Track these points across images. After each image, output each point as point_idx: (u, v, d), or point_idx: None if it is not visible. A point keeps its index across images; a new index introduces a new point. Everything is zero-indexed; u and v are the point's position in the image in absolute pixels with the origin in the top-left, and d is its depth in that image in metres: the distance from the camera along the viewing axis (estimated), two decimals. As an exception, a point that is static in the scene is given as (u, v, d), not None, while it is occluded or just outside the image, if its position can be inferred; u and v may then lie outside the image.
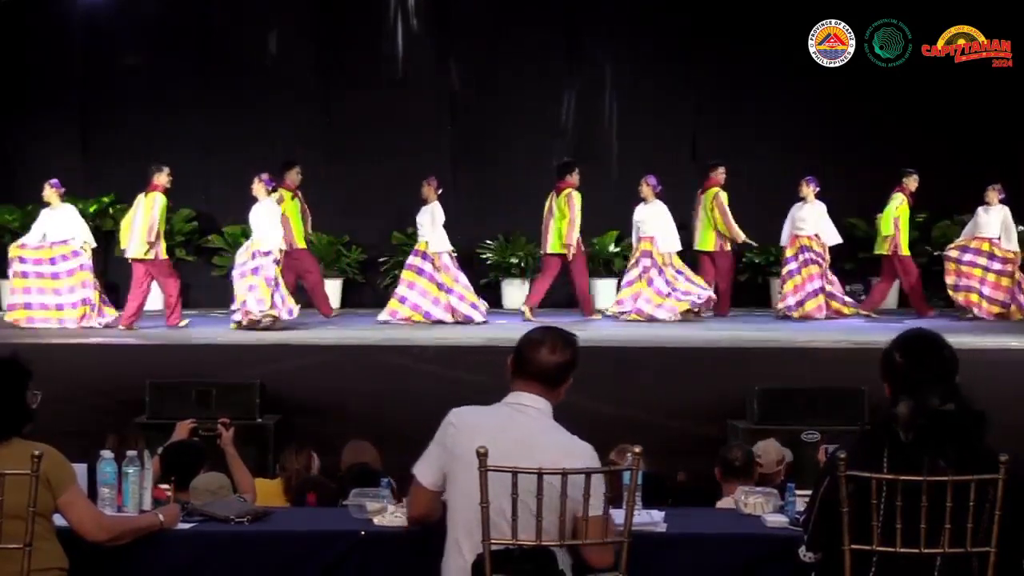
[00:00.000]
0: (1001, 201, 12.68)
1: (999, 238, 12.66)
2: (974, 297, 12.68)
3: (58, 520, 4.14)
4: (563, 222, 12.22)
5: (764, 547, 4.32)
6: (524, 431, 3.83)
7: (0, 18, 13.71)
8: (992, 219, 12.68)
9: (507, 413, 3.90)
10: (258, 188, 11.66)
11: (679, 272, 12.41)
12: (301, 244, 12.40)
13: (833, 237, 12.67)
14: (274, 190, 11.97)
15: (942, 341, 3.87)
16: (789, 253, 12.62)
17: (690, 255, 12.86)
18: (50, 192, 11.86)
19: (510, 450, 3.73)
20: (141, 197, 11.74)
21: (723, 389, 9.14)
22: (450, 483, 3.89)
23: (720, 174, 12.71)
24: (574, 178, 12.34)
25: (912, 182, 12.66)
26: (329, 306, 12.70)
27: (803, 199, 12.63)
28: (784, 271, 12.68)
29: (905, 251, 12.67)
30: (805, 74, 13.77)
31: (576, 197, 12.23)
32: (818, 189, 12.60)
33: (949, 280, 12.80)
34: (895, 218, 12.62)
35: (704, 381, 9.38)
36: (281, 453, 6.87)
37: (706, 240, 12.71)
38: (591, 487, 3.72)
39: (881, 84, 13.87)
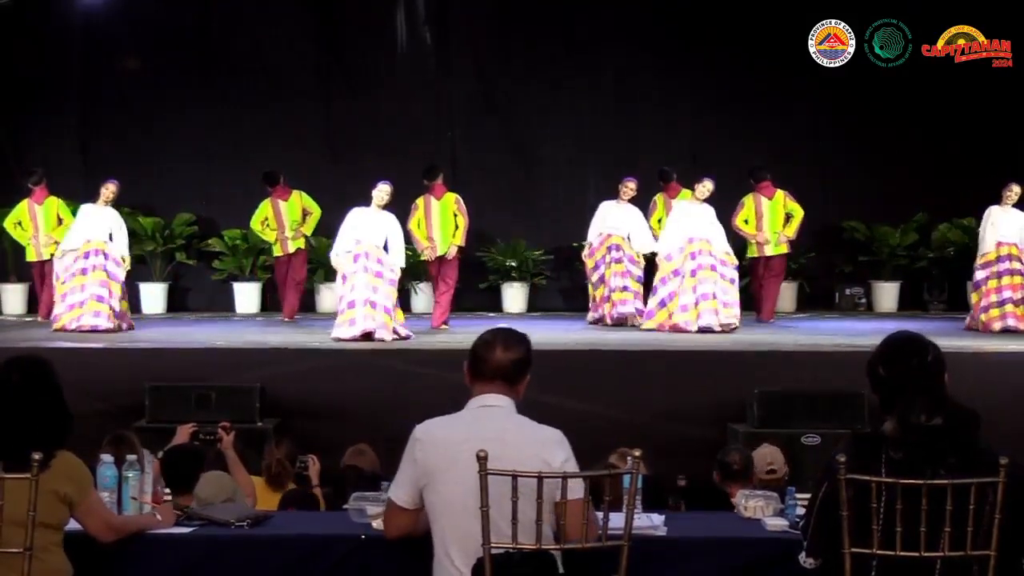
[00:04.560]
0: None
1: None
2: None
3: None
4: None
5: (764, 551, 4.31)
6: (495, 431, 3.84)
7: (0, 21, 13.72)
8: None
9: (473, 417, 3.92)
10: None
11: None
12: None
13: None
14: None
15: (924, 343, 3.79)
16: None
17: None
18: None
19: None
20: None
21: (723, 392, 9.14)
22: (429, 498, 3.89)
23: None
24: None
25: None
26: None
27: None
28: None
29: None
30: (805, 74, 13.77)
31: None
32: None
33: None
34: None
35: (704, 385, 9.37)
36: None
37: (778, 244, 12.41)
38: (569, 474, 3.79)
39: (881, 84, 13.86)
